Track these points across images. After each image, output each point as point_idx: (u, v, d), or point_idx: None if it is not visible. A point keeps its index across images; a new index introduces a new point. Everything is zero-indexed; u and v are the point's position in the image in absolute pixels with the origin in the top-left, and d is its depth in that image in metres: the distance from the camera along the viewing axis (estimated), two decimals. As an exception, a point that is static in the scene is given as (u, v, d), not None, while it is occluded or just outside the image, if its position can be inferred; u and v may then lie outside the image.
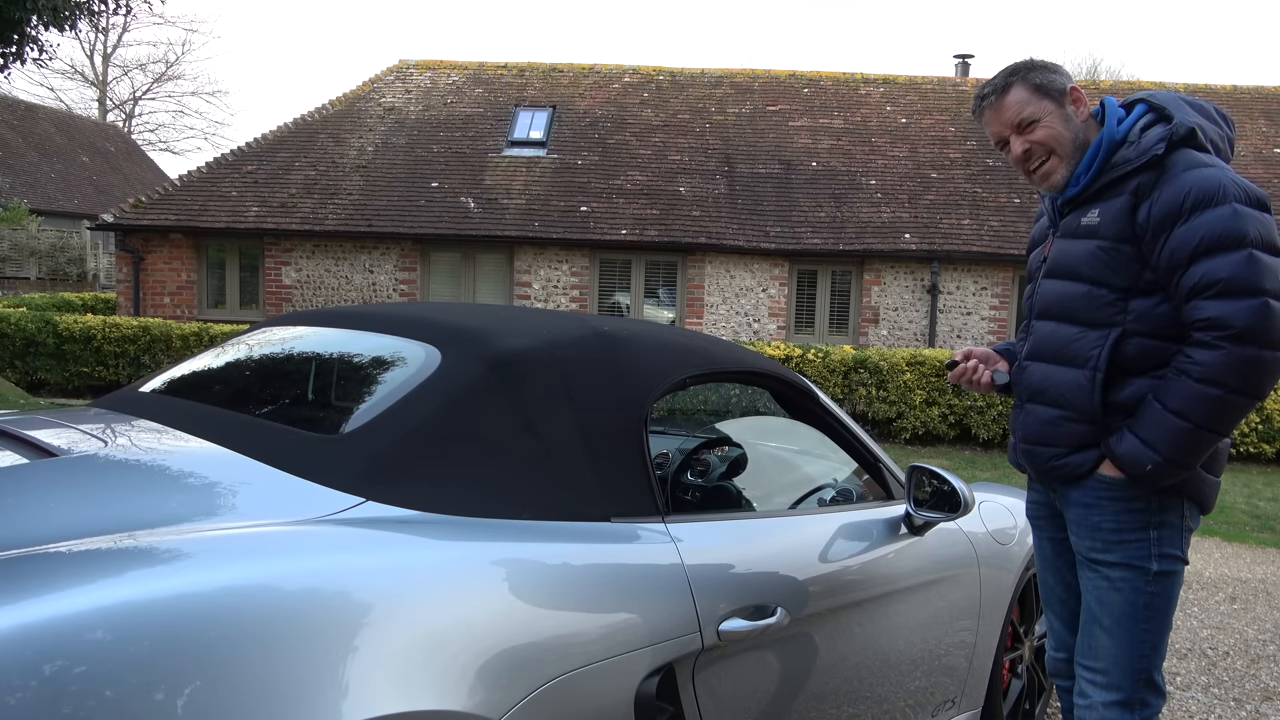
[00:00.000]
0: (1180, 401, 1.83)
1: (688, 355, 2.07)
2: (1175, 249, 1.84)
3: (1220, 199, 1.81)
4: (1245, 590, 5.26)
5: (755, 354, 2.31)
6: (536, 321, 2.01)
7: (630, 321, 2.23)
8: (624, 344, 1.96)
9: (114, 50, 35.53)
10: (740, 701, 1.81)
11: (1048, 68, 2.02)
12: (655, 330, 2.18)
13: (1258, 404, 1.84)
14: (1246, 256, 1.78)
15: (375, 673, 1.20)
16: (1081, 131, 2.00)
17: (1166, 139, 1.89)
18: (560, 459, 1.70)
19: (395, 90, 14.90)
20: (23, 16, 8.32)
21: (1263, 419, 9.34)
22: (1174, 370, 1.85)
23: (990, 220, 12.26)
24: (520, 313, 2.22)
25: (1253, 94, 15.08)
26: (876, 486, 2.48)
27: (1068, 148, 2.00)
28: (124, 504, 1.39)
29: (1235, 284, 1.77)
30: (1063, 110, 2.00)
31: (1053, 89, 2.00)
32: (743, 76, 15.32)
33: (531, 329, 1.92)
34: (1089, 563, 2.02)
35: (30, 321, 10.53)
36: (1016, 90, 2.01)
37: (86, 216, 23.19)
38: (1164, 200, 1.85)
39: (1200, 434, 1.83)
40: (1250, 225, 1.80)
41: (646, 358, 1.97)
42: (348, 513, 1.46)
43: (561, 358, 1.82)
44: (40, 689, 0.97)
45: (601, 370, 1.85)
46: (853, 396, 9.68)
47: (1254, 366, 1.77)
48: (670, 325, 2.17)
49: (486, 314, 2.13)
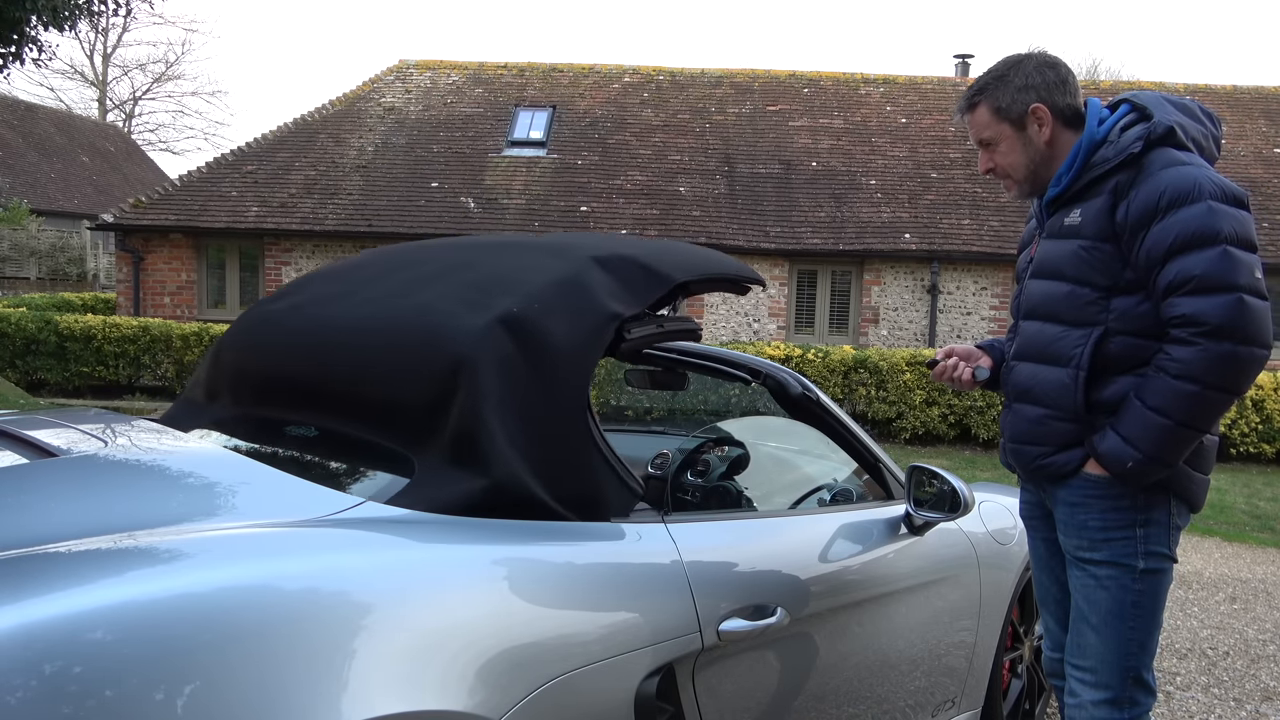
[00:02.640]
0: (1159, 399, 1.84)
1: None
2: (1152, 247, 1.85)
3: (1195, 196, 1.82)
4: (1245, 590, 5.26)
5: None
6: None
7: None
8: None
9: (114, 50, 35.58)
10: (740, 701, 1.81)
11: (1014, 84, 2.02)
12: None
13: (1236, 399, 1.85)
14: (1220, 253, 1.79)
15: (375, 673, 1.20)
16: (1042, 152, 2.04)
17: (1144, 138, 1.91)
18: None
19: (395, 90, 14.90)
20: (22, 16, 8.32)
21: (1263, 419, 9.34)
22: (1153, 368, 1.87)
23: (990, 220, 12.26)
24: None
25: (1253, 94, 15.08)
26: (876, 486, 2.48)
27: (1020, 173, 2.07)
28: (124, 504, 1.39)
29: (1209, 280, 1.78)
30: (1022, 134, 2.03)
31: (1013, 113, 2.02)
32: (743, 76, 15.32)
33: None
34: (1077, 561, 2.03)
35: (30, 321, 10.53)
36: (980, 110, 2.07)
37: (86, 216, 23.18)
38: (1140, 198, 1.87)
39: (1180, 430, 1.84)
40: (1225, 222, 1.81)
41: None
42: (348, 513, 1.46)
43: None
44: (40, 689, 0.97)
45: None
46: (853, 396, 9.68)
47: (1230, 362, 1.78)
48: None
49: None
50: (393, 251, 2.23)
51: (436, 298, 1.82)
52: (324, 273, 2.21)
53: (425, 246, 2.23)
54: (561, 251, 1.98)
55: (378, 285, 1.98)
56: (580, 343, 1.75)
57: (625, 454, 3.07)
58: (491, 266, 1.95)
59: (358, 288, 1.99)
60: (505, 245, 2.15)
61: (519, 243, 2.16)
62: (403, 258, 2.13)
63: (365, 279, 2.04)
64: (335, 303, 1.96)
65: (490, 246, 2.14)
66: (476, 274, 1.91)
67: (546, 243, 2.12)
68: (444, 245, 2.23)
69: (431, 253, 2.12)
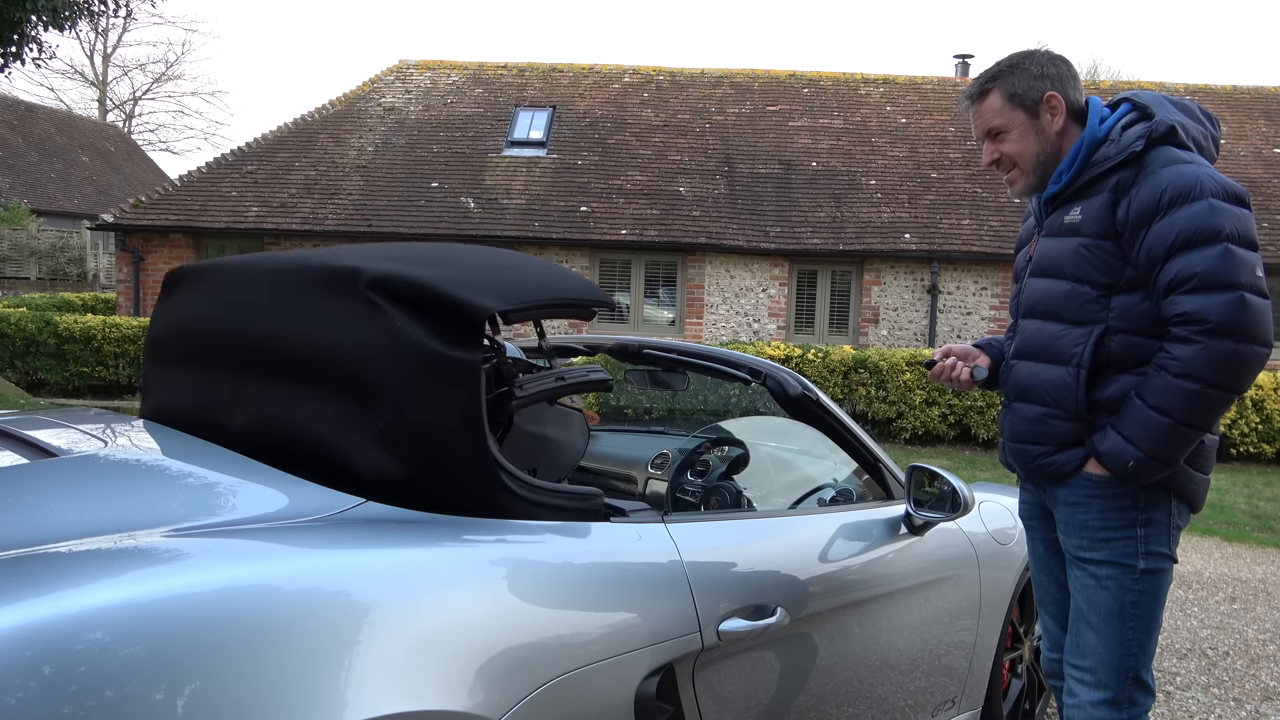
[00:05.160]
0: (1160, 397, 1.84)
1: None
2: (1153, 245, 1.85)
3: (1196, 194, 1.82)
4: (1245, 590, 5.25)
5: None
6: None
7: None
8: None
9: (114, 50, 35.56)
10: (740, 701, 1.81)
11: (1031, 72, 2.02)
12: None
13: (1237, 398, 1.85)
14: (1222, 251, 1.79)
15: (375, 673, 1.20)
16: (1052, 143, 2.02)
17: (1146, 136, 1.91)
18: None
19: (395, 90, 14.90)
20: (22, 17, 8.32)
21: (1263, 419, 9.34)
22: (1154, 366, 1.87)
23: (990, 220, 12.26)
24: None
25: (1253, 94, 15.08)
26: (876, 486, 2.48)
27: (1030, 163, 2.04)
28: (124, 504, 1.39)
29: (1210, 279, 1.78)
30: (1035, 122, 2.01)
31: (1028, 99, 2.01)
32: (743, 76, 15.31)
33: None
34: (1077, 561, 2.03)
35: (30, 321, 10.53)
36: (992, 97, 2.04)
37: (86, 216, 23.19)
38: (1142, 196, 1.87)
39: (1181, 429, 1.84)
40: (1226, 220, 1.81)
41: None
42: (348, 513, 1.46)
43: None
44: (40, 689, 0.97)
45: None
46: (853, 396, 9.68)
47: (1231, 360, 1.78)
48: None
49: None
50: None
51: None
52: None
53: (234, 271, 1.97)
54: (339, 286, 1.64)
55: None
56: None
57: (625, 454, 3.09)
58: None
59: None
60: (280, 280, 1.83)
61: (294, 271, 1.81)
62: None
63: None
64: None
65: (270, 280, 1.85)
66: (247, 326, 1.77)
67: (322, 264, 1.75)
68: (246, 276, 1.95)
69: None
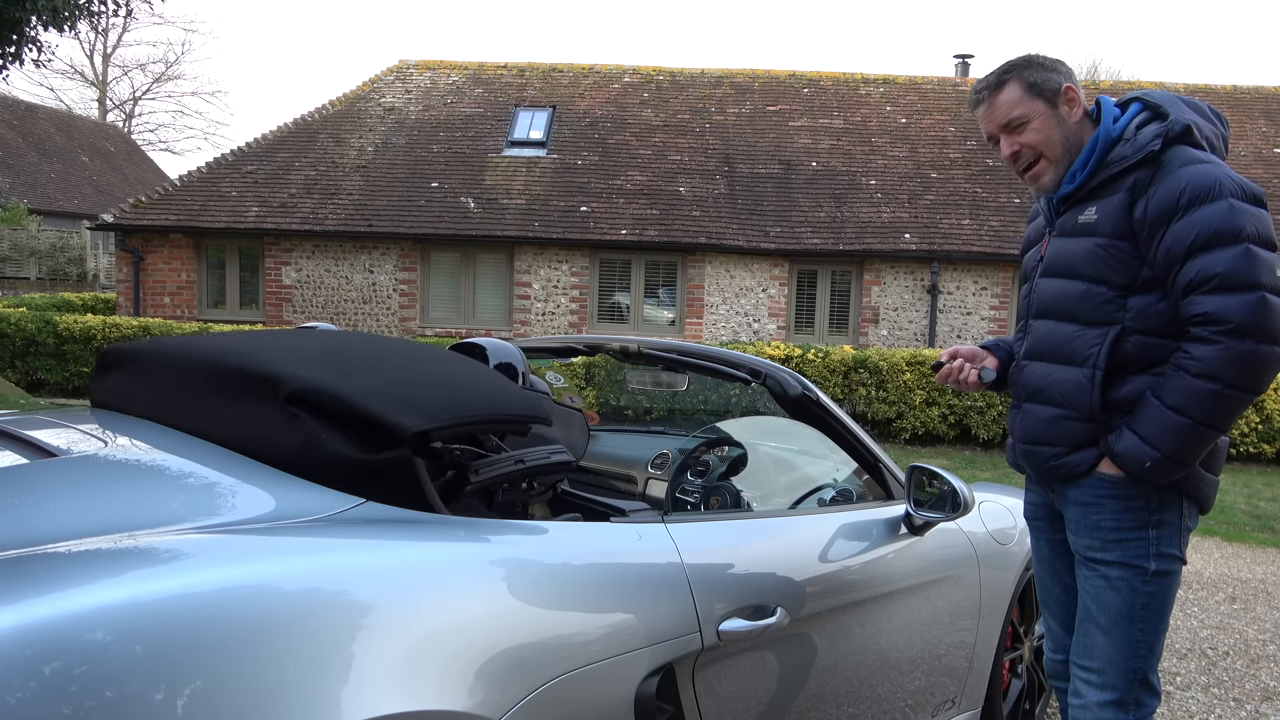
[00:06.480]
0: (1178, 397, 1.83)
1: None
2: (1172, 245, 1.84)
3: (1216, 194, 1.81)
4: (1245, 590, 5.25)
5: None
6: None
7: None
8: None
9: (114, 50, 35.58)
10: (740, 701, 1.81)
11: (1045, 65, 2.01)
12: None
13: (1255, 398, 1.85)
14: (1243, 251, 1.78)
15: (375, 673, 1.20)
16: (1074, 133, 2.00)
17: (1163, 135, 1.90)
18: None
19: (395, 90, 14.90)
20: (22, 17, 8.32)
21: (1263, 419, 9.34)
22: (1172, 366, 1.85)
23: (990, 220, 12.26)
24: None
25: (1253, 94, 15.08)
26: (876, 486, 2.48)
27: (1057, 150, 2.00)
28: (124, 504, 1.39)
29: (1231, 279, 1.77)
30: (1055, 111, 1.99)
31: (1047, 88, 1.99)
32: (743, 76, 15.31)
33: None
34: (1087, 561, 2.02)
35: (30, 321, 10.53)
36: (1010, 88, 2.00)
37: (86, 216, 23.20)
38: (1160, 196, 1.86)
39: (1199, 430, 1.83)
40: (1246, 220, 1.80)
41: None
42: (348, 513, 1.46)
43: None
44: (40, 689, 0.97)
45: None
46: (853, 396, 9.68)
47: (1251, 361, 1.77)
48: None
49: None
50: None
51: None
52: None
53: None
54: (258, 393, 1.64)
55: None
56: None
57: (625, 454, 3.09)
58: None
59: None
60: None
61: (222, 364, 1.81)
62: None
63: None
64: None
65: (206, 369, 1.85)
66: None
67: (246, 367, 1.74)
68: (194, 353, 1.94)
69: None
